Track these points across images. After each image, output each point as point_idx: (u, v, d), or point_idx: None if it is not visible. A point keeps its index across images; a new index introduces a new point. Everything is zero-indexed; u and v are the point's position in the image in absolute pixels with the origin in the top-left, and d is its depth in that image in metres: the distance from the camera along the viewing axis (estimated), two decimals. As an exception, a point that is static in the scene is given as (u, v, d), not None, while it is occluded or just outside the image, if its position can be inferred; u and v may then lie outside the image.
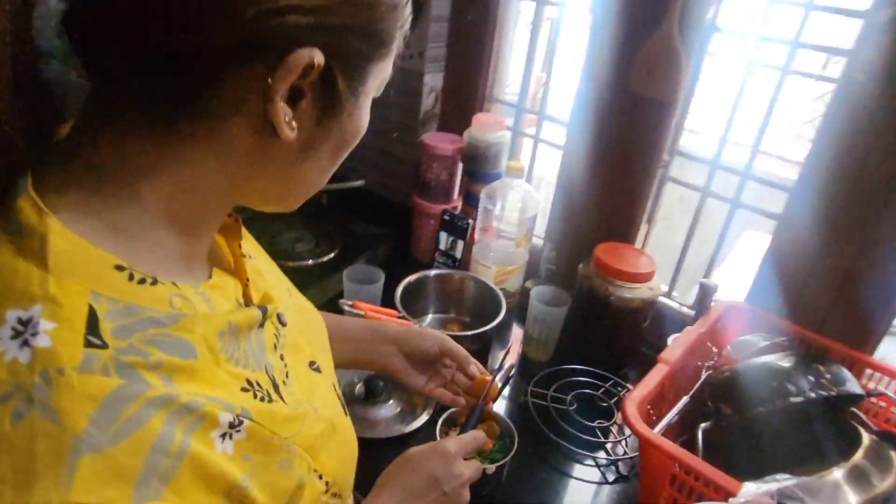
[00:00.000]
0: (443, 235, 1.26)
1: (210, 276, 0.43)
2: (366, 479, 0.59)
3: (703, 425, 0.80)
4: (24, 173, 0.35)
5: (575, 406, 0.96)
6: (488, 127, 1.18)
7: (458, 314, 1.16)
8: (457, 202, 1.30)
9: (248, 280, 0.47)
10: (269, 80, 0.35)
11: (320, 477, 0.45)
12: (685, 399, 0.82)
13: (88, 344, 0.31)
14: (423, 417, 0.91)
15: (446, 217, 1.25)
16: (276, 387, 0.43)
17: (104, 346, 0.32)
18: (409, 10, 0.42)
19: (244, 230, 0.62)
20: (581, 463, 0.88)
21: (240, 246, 0.49)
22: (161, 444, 0.32)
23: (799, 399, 0.76)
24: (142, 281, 0.35)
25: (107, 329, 0.32)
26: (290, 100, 0.36)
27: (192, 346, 0.36)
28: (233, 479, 0.35)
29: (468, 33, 1.23)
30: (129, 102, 0.36)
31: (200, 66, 0.34)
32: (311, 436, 0.43)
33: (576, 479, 0.86)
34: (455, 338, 0.98)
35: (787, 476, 0.65)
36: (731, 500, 0.61)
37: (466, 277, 1.15)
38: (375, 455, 0.74)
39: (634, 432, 0.70)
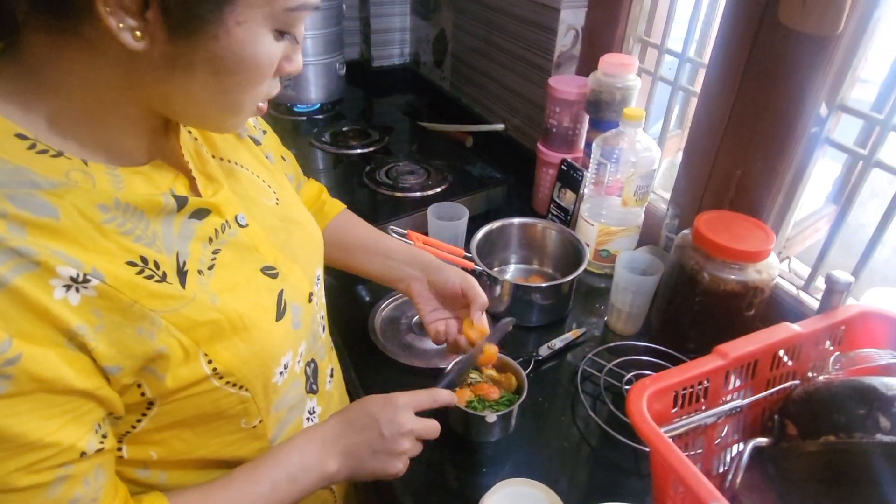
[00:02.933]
0: (558, 187, 1.18)
1: (144, 165, 0.48)
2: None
3: (756, 440, 0.66)
4: None
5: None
6: (614, 69, 1.05)
7: (541, 266, 1.10)
8: (580, 152, 1.20)
9: (192, 177, 0.52)
10: None
11: (209, 362, 0.48)
12: (736, 403, 0.67)
13: None
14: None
15: (564, 167, 1.17)
16: (182, 273, 0.47)
17: None
18: None
19: (266, 141, 0.69)
20: (609, 442, 0.79)
21: (190, 145, 0.54)
22: None
23: (889, 439, 0.57)
24: (43, 151, 0.42)
25: None
26: (143, 9, 0.39)
27: (53, 208, 0.41)
28: (68, 323, 0.40)
29: (615, -38, 1.09)
30: (31, 6, 0.41)
31: None
32: (191, 319, 0.46)
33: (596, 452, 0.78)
34: (527, 288, 0.94)
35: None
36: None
37: (550, 227, 1.08)
38: (413, 382, 0.78)
39: (635, 426, 0.60)
